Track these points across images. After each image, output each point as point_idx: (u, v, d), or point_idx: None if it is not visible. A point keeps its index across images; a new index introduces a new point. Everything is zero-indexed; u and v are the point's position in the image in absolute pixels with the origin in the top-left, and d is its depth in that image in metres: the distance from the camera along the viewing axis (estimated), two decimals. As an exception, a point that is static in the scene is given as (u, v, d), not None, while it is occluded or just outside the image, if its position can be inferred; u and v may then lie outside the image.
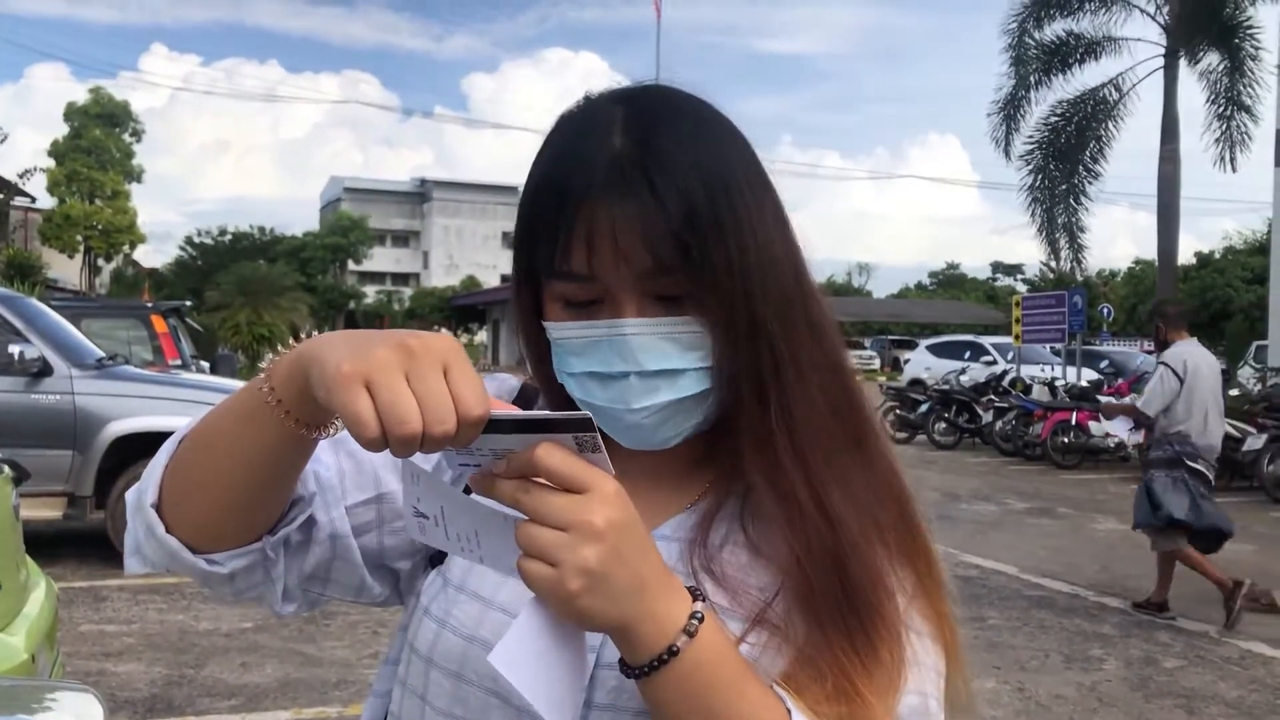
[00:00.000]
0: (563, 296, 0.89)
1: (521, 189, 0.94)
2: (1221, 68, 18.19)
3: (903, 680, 0.85)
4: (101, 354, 7.98)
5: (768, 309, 0.87)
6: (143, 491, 0.91)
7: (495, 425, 0.73)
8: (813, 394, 0.89)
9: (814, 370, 0.90)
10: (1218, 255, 41.20)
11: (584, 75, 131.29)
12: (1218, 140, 18.31)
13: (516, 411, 0.75)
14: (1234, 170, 18.46)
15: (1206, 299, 34.73)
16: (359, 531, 0.99)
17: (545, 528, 0.73)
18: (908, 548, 0.91)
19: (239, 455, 0.85)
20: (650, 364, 0.87)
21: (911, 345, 27.75)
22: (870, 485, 0.90)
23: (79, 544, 7.94)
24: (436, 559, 0.99)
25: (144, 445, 7.29)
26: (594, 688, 0.86)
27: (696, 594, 0.79)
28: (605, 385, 0.89)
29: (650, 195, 0.84)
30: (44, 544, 7.03)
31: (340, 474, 0.98)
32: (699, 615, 0.77)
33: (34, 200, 38.66)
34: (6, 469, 4.13)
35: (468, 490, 0.81)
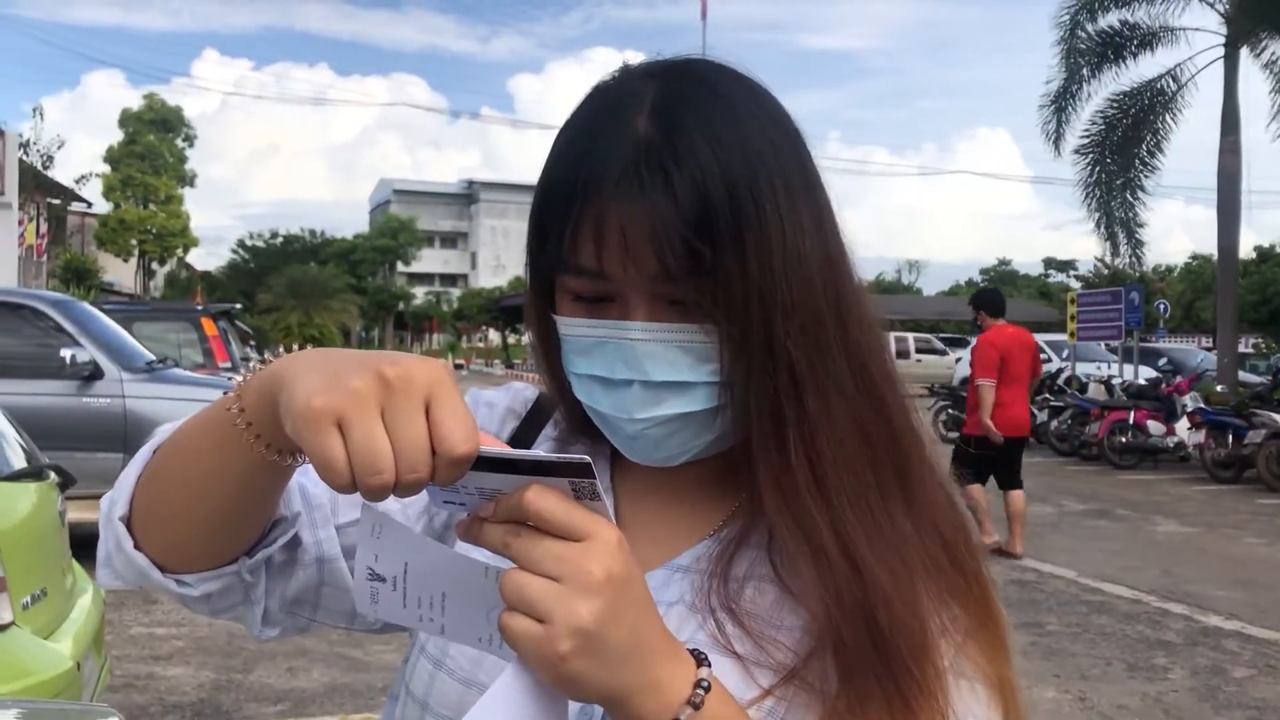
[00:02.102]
0: (573, 291, 0.80)
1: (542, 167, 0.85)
2: (1285, 57, 17.76)
3: None
4: (151, 357, 8.05)
5: (790, 325, 0.76)
6: (114, 502, 0.83)
7: (485, 463, 0.64)
8: (841, 422, 0.78)
9: (844, 395, 0.79)
10: (1279, 250, 40.28)
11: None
12: (1284, 131, 17.86)
13: (507, 450, 0.65)
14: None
15: (1267, 294, 33.93)
16: (351, 553, 0.85)
17: (535, 576, 0.63)
18: (958, 590, 0.80)
19: (207, 477, 0.77)
20: (656, 374, 0.78)
21: (963, 344, 27.34)
22: (914, 523, 0.79)
23: (131, 546, 8.02)
24: None
25: (193, 448, 7.34)
26: None
27: (701, 659, 0.69)
28: (608, 391, 0.80)
29: (663, 192, 0.74)
30: (94, 547, 7.09)
31: (330, 490, 0.86)
32: (705, 684, 0.67)
33: (90, 205, 39.45)
34: (53, 475, 4.13)
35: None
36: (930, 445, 0.85)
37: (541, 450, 0.74)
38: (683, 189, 0.74)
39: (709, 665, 0.69)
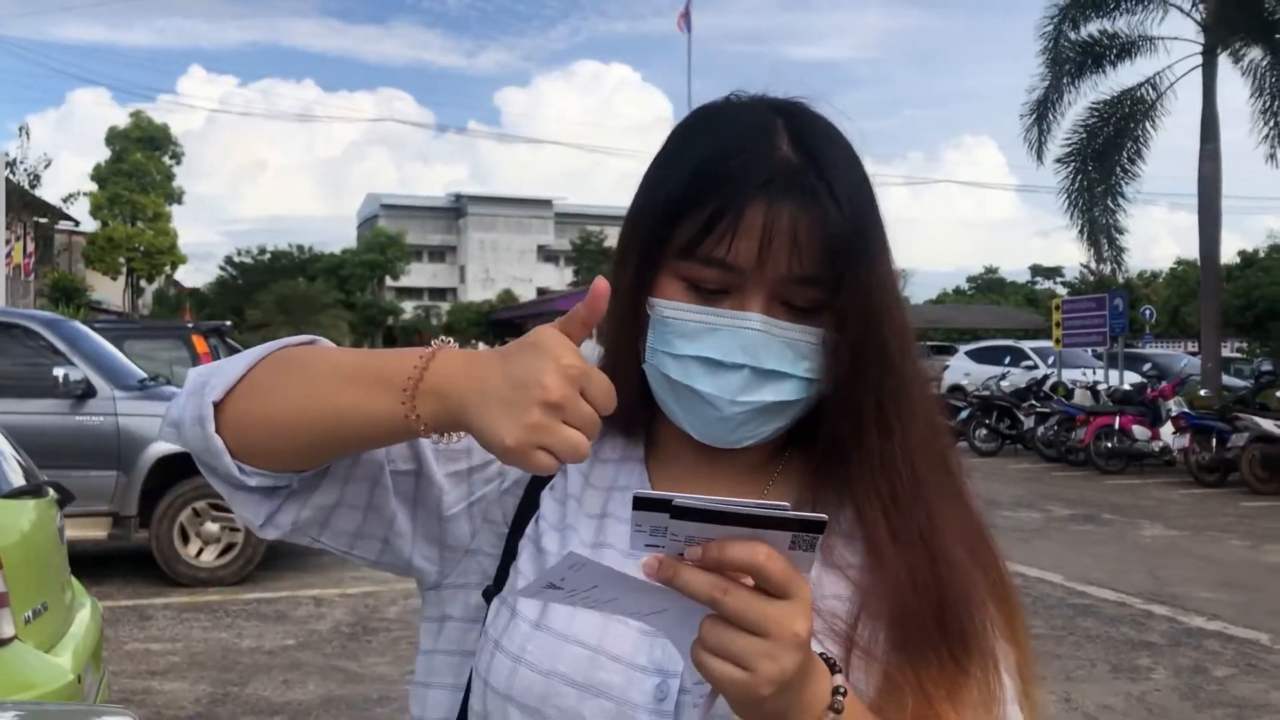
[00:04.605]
0: (692, 279, 0.90)
1: (652, 166, 0.95)
2: (1265, 63, 17.92)
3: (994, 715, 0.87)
4: (144, 375, 8.09)
5: (893, 336, 0.90)
6: (208, 384, 0.90)
7: (716, 516, 0.70)
8: (923, 425, 0.92)
9: (923, 402, 0.93)
10: (1262, 254, 40.51)
11: (616, 86, 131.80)
12: (1266, 137, 18.03)
13: (746, 503, 0.71)
14: (1282, 166, 18.16)
15: (1251, 298, 34.10)
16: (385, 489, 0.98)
17: (742, 632, 0.72)
18: (996, 595, 0.93)
19: (339, 419, 0.86)
20: (768, 362, 0.89)
21: (951, 351, 27.46)
22: (964, 520, 0.93)
23: (124, 563, 8.05)
24: (492, 588, 0.98)
25: (186, 465, 7.36)
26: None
27: (834, 666, 0.79)
28: (714, 373, 0.89)
29: (830, 203, 0.87)
30: (90, 563, 7.13)
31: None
32: (842, 690, 0.77)
33: (78, 224, 39.36)
34: (52, 492, 4.20)
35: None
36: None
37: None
38: (828, 208, 0.87)
39: (841, 671, 0.79)
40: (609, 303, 0.91)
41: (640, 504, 0.70)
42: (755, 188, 0.87)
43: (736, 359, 0.88)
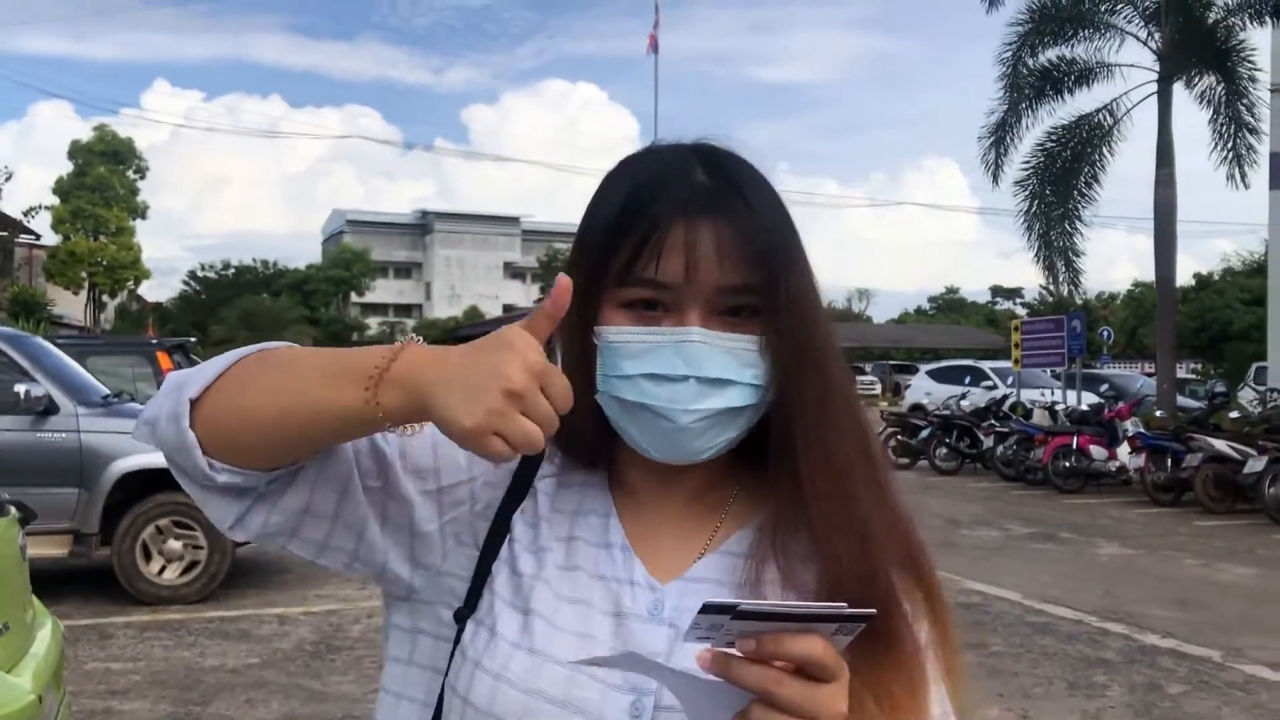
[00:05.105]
0: (630, 302, 0.96)
1: (585, 213, 1.02)
2: (1220, 89, 18.31)
3: (927, 699, 0.94)
4: (107, 391, 8.03)
5: (819, 340, 0.97)
6: (189, 382, 0.93)
7: (774, 617, 0.77)
8: (848, 425, 0.98)
9: (848, 402, 0.99)
10: (1216, 277, 41.26)
11: (583, 105, 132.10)
12: (1224, 159, 18.42)
13: (805, 606, 0.78)
14: (1246, 186, 18.56)
15: (1206, 320, 34.72)
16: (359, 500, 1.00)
17: (791, 717, 0.78)
18: (920, 577, 0.99)
19: (304, 409, 0.88)
20: (712, 371, 0.94)
21: (912, 370, 27.72)
22: (885, 514, 0.98)
23: (84, 581, 7.97)
24: (464, 609, 1.01)
25: (149, 482, 7.33)
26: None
27: None
28: (662, 386, 0.95)
29: (747, 216, 0.95)
30: (49, 581, 7.05)
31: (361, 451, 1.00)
32: None
33: (39, 237, 38.90)
34: (13, 510, 4.17)
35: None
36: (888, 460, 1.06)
37: (546, 482, 1.01)
38: (760, 216, 0.96)
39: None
40: (570, 341, 0.99)
41: (707, 609, 0.76)
42: (675, 210, 0.95)
43: (681, 371, 0.94)
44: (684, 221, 0.95)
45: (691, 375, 0.94)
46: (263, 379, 0.92)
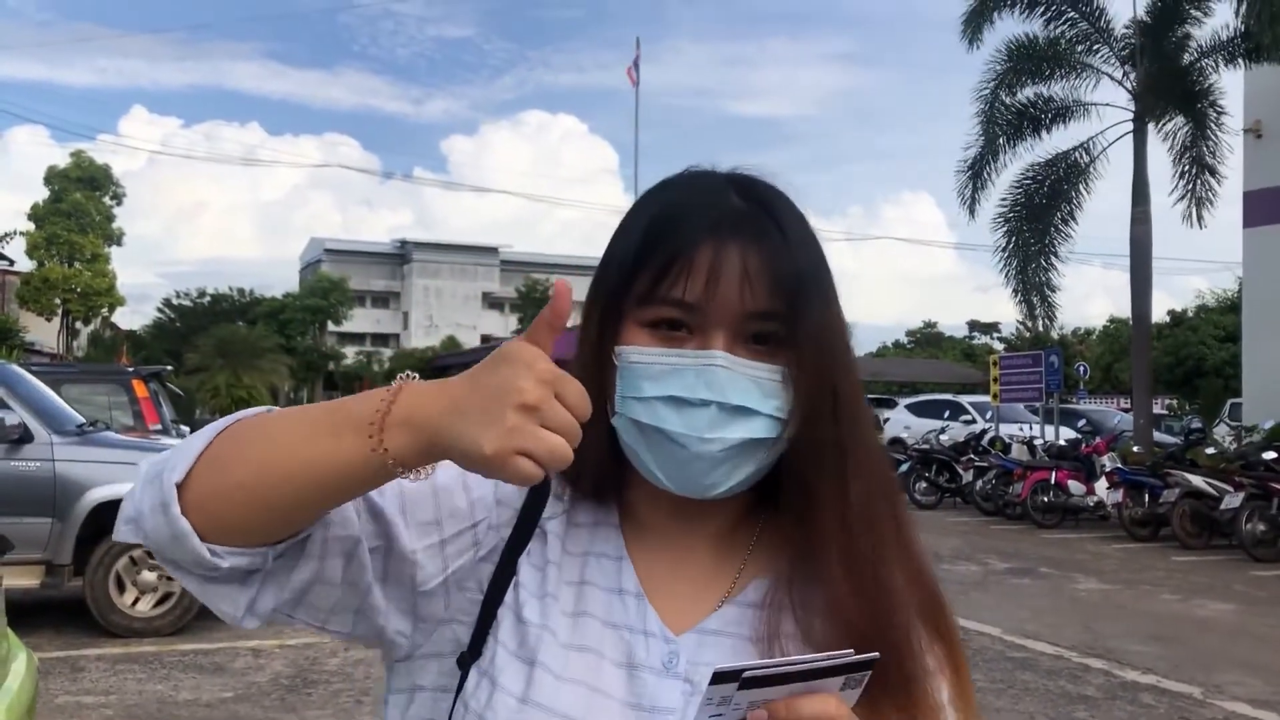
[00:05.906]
0: (653, 322, 0.93)
1: (613, 236, 0.99)
2: (1186, 130, 18.60)
3: None
4: (82, 420, 7.95)
5: (843, 377, 0.95)
6: (168, 467, 0.86)
7: (780, 678, 0.77)
8: (869, 467, 0.95)
9: (869, 443, 0.97)
10: (1191, 313, 41.68)
11: (563, 136, 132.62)
12: (1184, 198, 18.70)
13: (807, 659, 0.79)
14: (1202, 227, 18.81)
15: (1180, 356, 35.02)
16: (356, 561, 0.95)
17: None
18: (940, 629, 0.97)
19: (307, 471, 0.83)
20: (734, 398, 0.91)
21: (891, 404, 27.81)
22: (907, 566, 0.96)
23: (56, 613, 7.85)
24: (467, 655, 0.97)
25: (124, 512, 7.23)
26: None
27: None
28: (682, 411, 0.91)
29: (778, 243, 0.92)
30: (21, 613, 6.93)
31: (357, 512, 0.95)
32: None
33: (12, 263, 38.59)
34: (-10, 540, 4.11)
35: None
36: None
37: (554, 522, 0.97)
38: (777, 243, 0.93)
39: None
40: (579, 362, 0.95)
41: (718, 678, 0.75)
42: (705, 230, 0.92)
43: (702, 395, 0.90)
44: (713, 242, 0.92)
45: (714, 401, 0.90)
46: (251, 449, 0.85)
